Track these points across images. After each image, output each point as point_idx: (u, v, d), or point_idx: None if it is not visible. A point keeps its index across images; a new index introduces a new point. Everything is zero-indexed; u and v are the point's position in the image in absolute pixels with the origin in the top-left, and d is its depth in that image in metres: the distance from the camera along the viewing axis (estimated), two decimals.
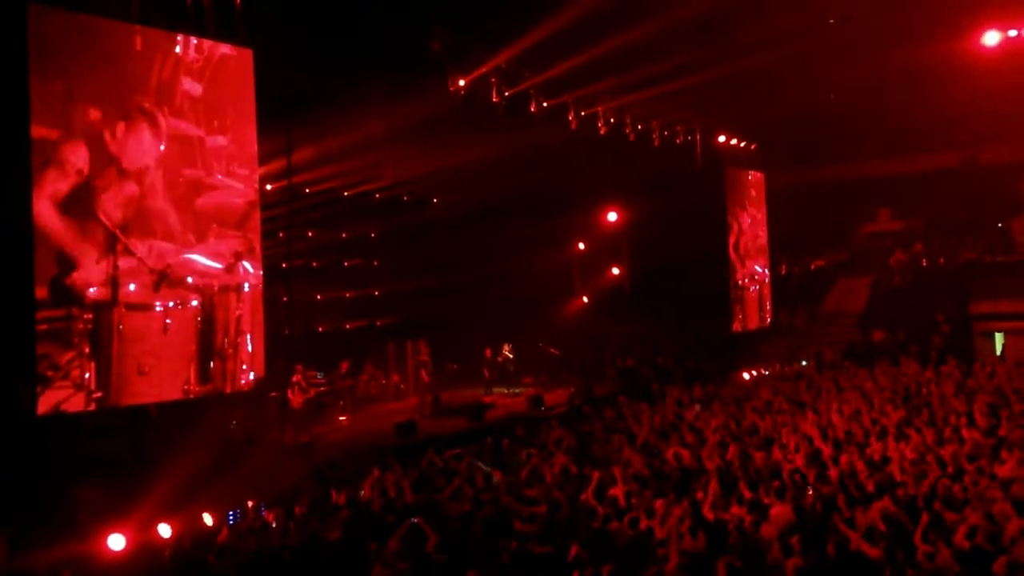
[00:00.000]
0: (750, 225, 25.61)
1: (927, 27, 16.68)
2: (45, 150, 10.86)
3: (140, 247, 11.83)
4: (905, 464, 9.58)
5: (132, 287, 11.71)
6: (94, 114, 11.37)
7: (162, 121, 12.16)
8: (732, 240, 24.60)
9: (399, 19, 13.49)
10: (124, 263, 11.58)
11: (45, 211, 10.82)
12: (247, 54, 13.19)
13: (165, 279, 12.15)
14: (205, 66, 12.78)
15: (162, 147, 12.18)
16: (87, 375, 11.17)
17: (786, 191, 25.72)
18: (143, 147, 11.92)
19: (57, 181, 10.95)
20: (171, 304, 12.22)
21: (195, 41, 12.61)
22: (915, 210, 25.90)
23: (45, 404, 10.71)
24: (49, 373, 10.79)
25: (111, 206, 11.50)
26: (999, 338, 21.90)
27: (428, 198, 22.65)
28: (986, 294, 22.07)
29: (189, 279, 12.53)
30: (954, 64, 18.25)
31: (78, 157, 11.17)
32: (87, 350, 11.20)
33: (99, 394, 11.26)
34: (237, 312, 13.22)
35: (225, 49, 12.97)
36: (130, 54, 11.89)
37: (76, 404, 11.03)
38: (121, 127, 11.64)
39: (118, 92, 11.69)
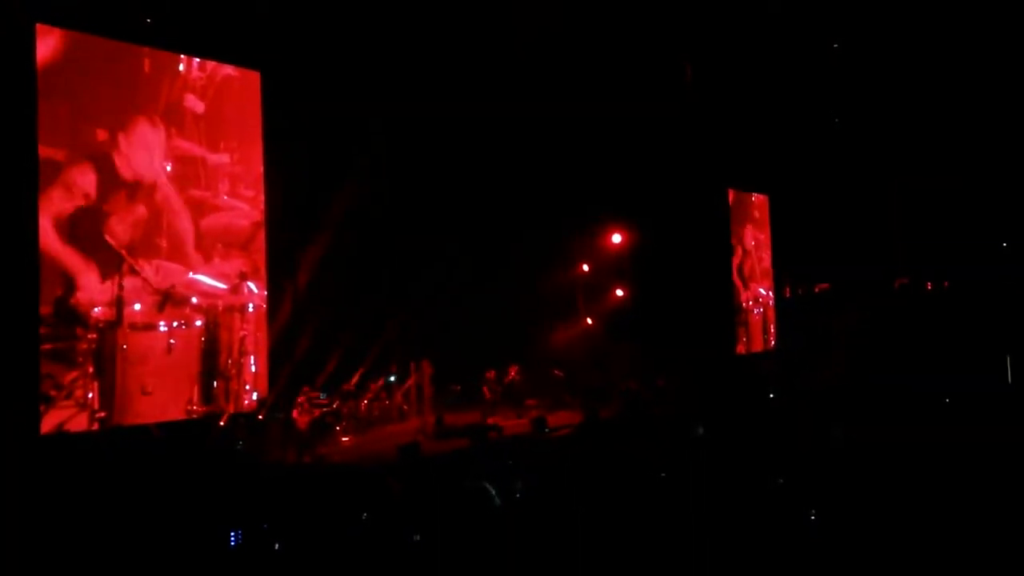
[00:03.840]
0: (754, 248, 25.59)
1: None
2: (51, 171, 10.91)
3: (146, 267, 11.86)
4: None
5: (137, 307, 11.73)
6: (101, 135, 11.45)
7: (163, 133, 12.22)
8: (736, 263, 24.57)
9: (406, 43, 13.60)
10: (129, 283, 11.61)
11: (51, 231, 10.87)
12: (254, 76, 13.28)
13: (170, 299, 12.18)
14: (208, 85, 12.88)
15: (168, 167, 12.24)
16: (91, 395, 11.18)
17: (792, 213, 25.71)
18: (148, 162, 11.98)
19: (63, 201, 11.02)
20: (175, 324, 12.24)
21: (198, 60, 12.70)
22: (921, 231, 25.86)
23: (48, 423, 10.71)
24: (52, 392, 10.80)
25: (119, 228, 11.55)
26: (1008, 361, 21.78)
27: (431, 218, 22.63)
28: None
29: (194, 299, 12.56)
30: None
31: (85, 179, 11.24)
32: (91, 370, 11.21)
33: (103, 414, 11.27)
34: (241, 332, 13.25)
35: (228, 70, 13.07)
36: (139, 75, 11.97)
37: (79, 424, 11.03)
38: (123, 142, 11.69)
39: (126, 113, 11.77)
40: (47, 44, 10.91)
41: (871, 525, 8.61)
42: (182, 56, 12.52)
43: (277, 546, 9.08)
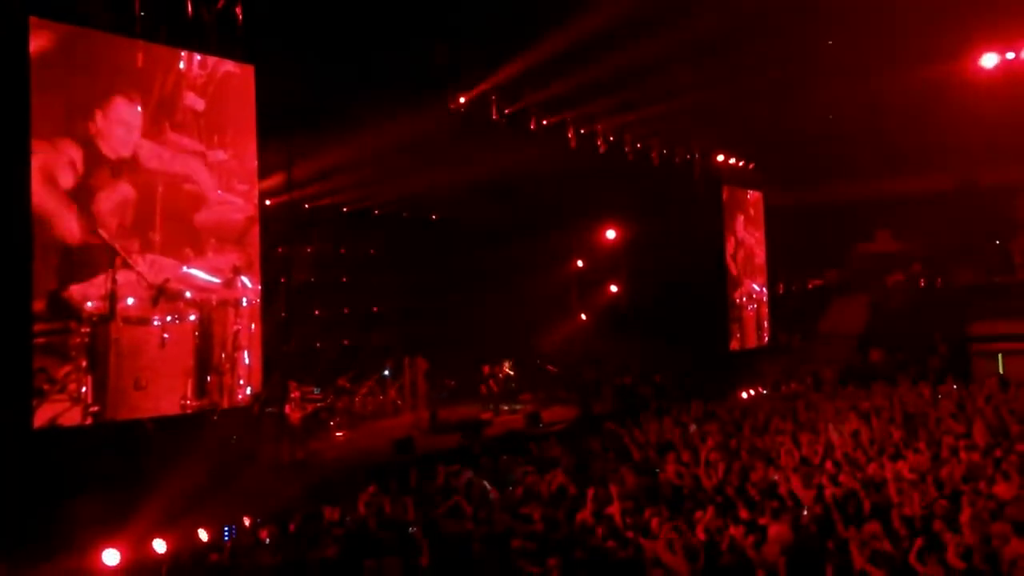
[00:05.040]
0: (748, 244, 25.64)
1: (925, 49, 16.78)
2: (45, 164, 10.87)
3: (139, 261, 11.83)
4: (903, 485, 9.55)
5: (130, 301, 11.71)
6: (94, 128, 11.42)
7: (158, 128, 12.17)
8: (730, 259, 24.63)
9: (401, 35, 13.56)
10: (122, 277, 11.58)
11: (44, 225, 10.83)
12: (249, 70, 13.25)
13: (163, 294, 12.14)
14: (208, 82, 12.84)
15: (164, 162, 12.20)
16: (84, 389, 11.14)
17: (785, 210, 25.79)
18: (145, 157, 11.93)
19: (57, 195, 10.97)
20: (169, 319, 12.21)
21: (199, 57, 12.68)
22: (914, 231, 25.90)
23: (41, 418, 10.68)
24: (46, 387, 10.77)
25: (113, 222, 11.51)
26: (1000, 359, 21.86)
27: (427, 215, 22.67)
28: (984, 315, 22.08)
29: (187, 294, 12.52)
30: (952, 86, 18.35)
31: (79, 172, 11.20)
32: (84, 364, 11.18)
33: (96, 408, 11.24)
34: (235, 327, 13.22)
35: (229, 66, 13.04)
36: (131, 69, 11.94)
37: (72, 418, 11.00)
38: (117, 137, 11.65)
39: (118, 106, 11.74)
40: (41, 37, 10.87)
41: None
42: (182, 53, 12.48)
43: (269, 541, 9.10)
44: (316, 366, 18.52)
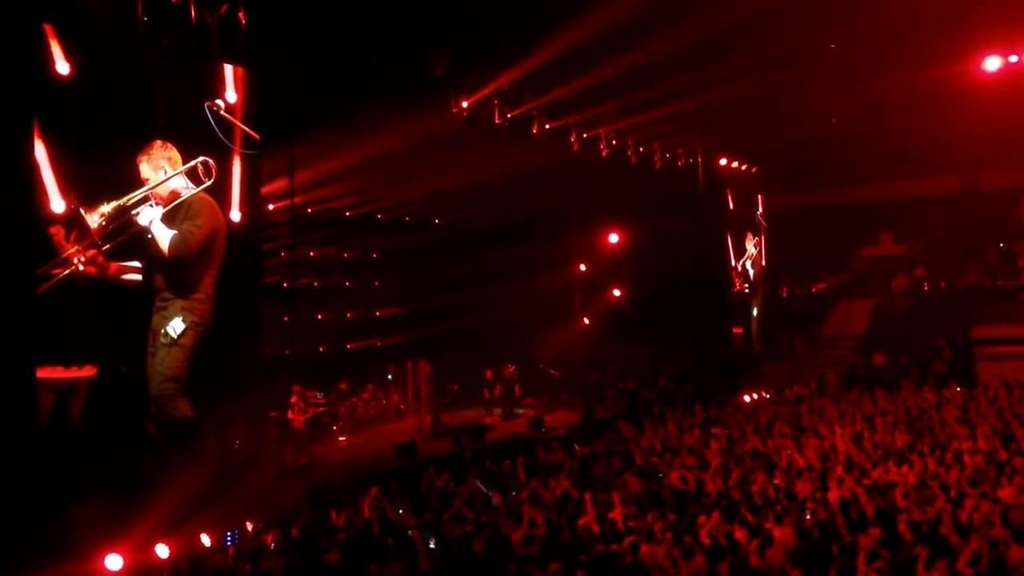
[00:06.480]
0: (751, 247, 25.56)
1: (928, 52, 16.80)
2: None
3: None
4: (907, 489, 9.53)
5: None
6: None
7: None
8: (733, 262, 24.60)
9: (403, 40, 13.57)
10: None
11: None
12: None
13: None
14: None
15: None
16: None
17: (787, 214, 25.78)
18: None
19: None
20: None
21: None
22: (917, 234, 25.86)
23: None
24: None
25: None
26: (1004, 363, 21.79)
27: (430, 219, 22.68)
28: (988, 319, 22.03)
29: None
30: (955, 89, 18.36)
31: None
32: None
33: None
34: None
35: None
36: None
37: None
38: None
39: None
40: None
41: None
42: None
43: (272, 545, 9.09)
44: (319, 370, 18.53)
